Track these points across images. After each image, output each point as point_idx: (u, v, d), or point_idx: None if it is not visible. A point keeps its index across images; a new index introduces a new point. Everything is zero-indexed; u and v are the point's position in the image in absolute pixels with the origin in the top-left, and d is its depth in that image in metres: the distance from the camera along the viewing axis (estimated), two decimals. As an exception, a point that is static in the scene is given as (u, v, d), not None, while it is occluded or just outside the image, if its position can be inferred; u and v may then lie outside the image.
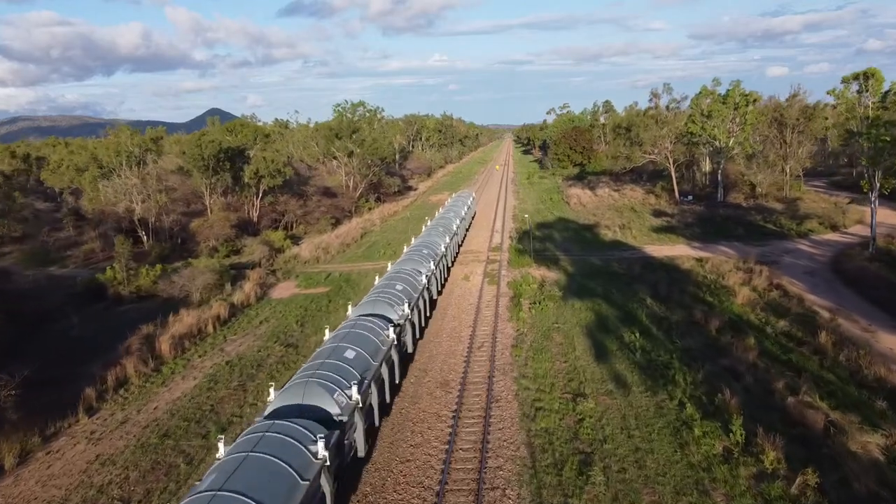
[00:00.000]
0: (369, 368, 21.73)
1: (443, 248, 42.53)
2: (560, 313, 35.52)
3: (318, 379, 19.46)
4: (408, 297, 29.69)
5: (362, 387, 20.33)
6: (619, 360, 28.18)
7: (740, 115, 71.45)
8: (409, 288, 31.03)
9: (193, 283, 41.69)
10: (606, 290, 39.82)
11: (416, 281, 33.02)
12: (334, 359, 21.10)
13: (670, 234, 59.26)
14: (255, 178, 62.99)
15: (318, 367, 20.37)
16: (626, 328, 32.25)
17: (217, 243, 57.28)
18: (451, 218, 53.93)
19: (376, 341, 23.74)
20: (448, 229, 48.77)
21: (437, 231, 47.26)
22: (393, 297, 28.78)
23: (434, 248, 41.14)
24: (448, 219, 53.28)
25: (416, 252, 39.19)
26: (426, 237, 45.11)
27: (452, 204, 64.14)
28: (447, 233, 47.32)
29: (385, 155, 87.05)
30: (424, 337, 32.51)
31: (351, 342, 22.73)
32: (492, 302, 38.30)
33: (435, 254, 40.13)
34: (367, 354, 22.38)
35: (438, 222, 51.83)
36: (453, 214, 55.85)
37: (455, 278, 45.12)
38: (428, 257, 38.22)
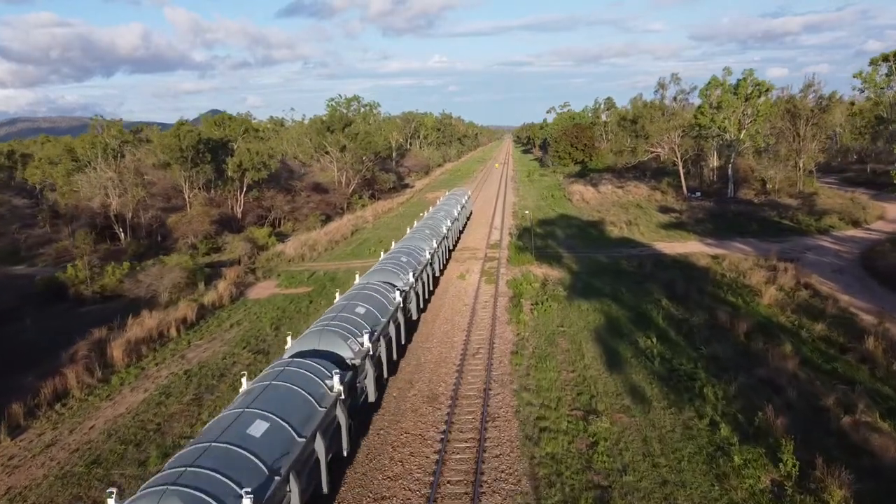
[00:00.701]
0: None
1: (427, 255, 34.91)
2: (565, 315, 31.75)
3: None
4: (370, 324, 22.38)
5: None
6: (635, 370, 24.40)
7: (752, 105, 67.71)
8: (374, 309, 23.74)
9: (161, 282, 37.91)
10: (616, 289, 36.05)
11: (387, 300, 25.41)
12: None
13: (680, 231, 55.58)
14: (239, 171, 59.22)
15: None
16: (640, 332, 28.49)
17: (196, 240, 53.53)
18: (440, 219, 46.87)
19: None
20: (436, 232, 41.41)
21: (423, 234, 39.37)
22: (345, 329, 21.06)
23: (416, 255, 33.82)
24: (437, 220, 46.36)
25: (392, 261, 31.61)
26: (408, 241, 37.26)
27: (444, 202, 57.26)
28: (434, 236, 39.71)
29: (379, 149, 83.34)
30: (409, 348, 28.70)
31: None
32: (489, 302, 34.53)
33: (417, 262, 33.11)
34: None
35: (425, 224, 44.43)
36: (443, 214, 49.37)
37: (449, 277, 41.34)
38: (407, 267, 30.79)
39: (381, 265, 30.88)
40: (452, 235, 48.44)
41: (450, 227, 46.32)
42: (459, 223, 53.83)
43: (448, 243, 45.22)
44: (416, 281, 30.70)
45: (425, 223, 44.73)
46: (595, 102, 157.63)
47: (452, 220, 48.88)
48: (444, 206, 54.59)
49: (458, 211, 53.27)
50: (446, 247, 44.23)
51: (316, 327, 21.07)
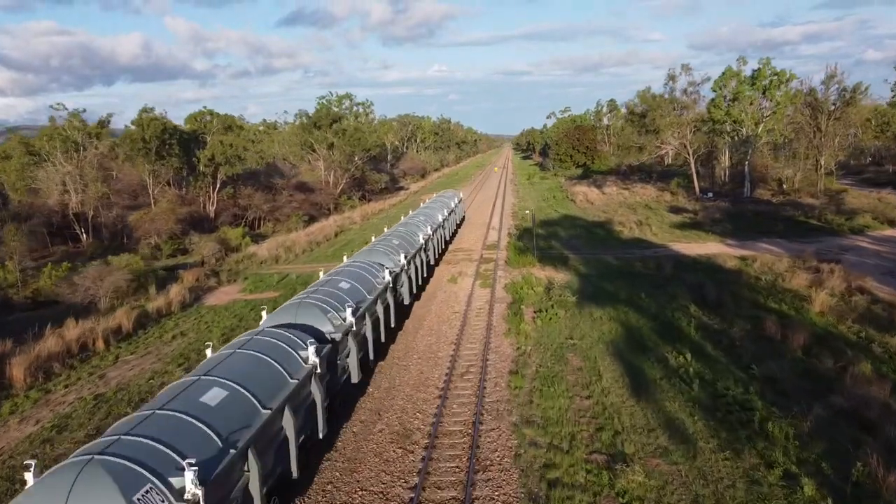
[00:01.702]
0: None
1: (385, 278, 23.85)
2: (575, 325, 26.31)
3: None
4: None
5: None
6: (668, 396, 18.94)
7: (771, 97, 62.48)
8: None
9: (101, 285, 32.44)
10: (633, 294, 30.63)
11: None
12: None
13: (697, 231, 50.26)
14: (211, 165, 53.86)
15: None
16: (668, 346, 23.06)
17: (160, 240, 48.12)
18: (418, 224, 36.50)
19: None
20: (408, 242, 30.98)
21: (390, 246, 28.63)
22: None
23: (365, 283, 22.58)
24: (414, 226, 35.64)
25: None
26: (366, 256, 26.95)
27: (428, 206, 47.10)
28: (403, 248, 29.23)
29: (368, 146, 78.05)
30: (383, 362, 23.22)
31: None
32: (484, 309, 29.10)
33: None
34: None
35: (396, 232, 32.85)
36: (423, 218, 39.23)
37: (439, 281, 35.91)
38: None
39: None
40: (436, 245, 38.29)
41: (429, 235, 35.73)
42: (447, 230, 44.97)
43: (429, 256, 35.47)
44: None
45: (396, 232, 33.13)
46: (597, 105, 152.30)
47: (435, 227, 38.85)
48: (428, 211, 43.96)
49: (443, 215, 43.86)
50: (425, 260, 33.57)
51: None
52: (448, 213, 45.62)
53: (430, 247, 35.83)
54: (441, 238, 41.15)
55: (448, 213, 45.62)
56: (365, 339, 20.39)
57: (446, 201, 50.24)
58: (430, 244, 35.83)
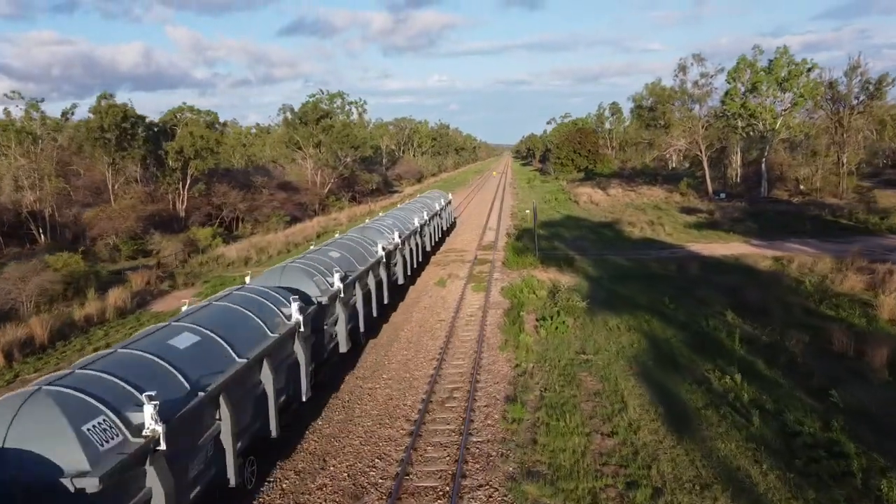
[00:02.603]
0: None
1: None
2: (587, 336, 21.32)
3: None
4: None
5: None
6: (719, 433, 13.95)
7: (792, 88, 57.70)
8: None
9: (24, 288, 27.45)
10: (654, 298, 25.66)
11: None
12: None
13: (716, 231, 45.41)
14: (180, 159, 49.01)
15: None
16: (707, 362, 18.10)
17: (118, 240, 43.21)
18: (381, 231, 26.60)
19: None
20: (356, 253, 21.68)
21: (318, 264, 19.36)
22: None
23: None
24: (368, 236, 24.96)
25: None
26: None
27: (405, 208, 36.33)
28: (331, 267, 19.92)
29: (357, 143, 73.22)
30: (344, 389, 18.23)
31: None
32: (476, 316, 24.11)
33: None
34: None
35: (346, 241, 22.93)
36: (391, 223, 28.71)
37: (425, 284, 30.96)
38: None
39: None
40: (408, 261, 28.67)
41: (397, 244, 26.11)
42: (428, 239, 35.72)
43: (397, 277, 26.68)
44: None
45: (343, 242, 22.67)
46: (599, 107, 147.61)
47: (404, 236, 27.90)
48: (401, 213, 33.35)
49: (422, 219, 33.61)
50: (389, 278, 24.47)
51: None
52: (429, 216, 36.00)
53: (395, 270, 26.23)
54: (418, 248, 31.69)
55: (429, 216, 36.00)
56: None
57: (429, 203, 40.54)
58: (394, 263, 26.28)
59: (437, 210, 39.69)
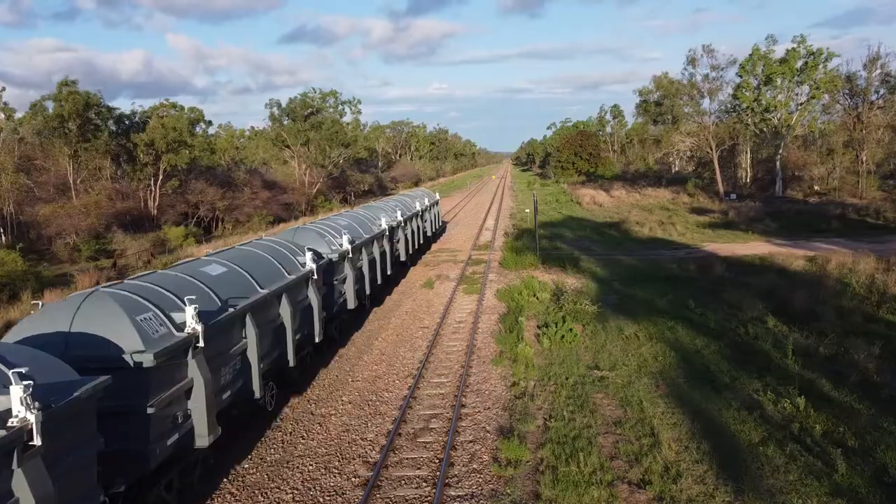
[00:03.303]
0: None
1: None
2: (600, 346, 17.50)
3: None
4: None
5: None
6: (791, 483, 10.10)
7: (809, 79, 54.03)
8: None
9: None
10: (676, 301, 21.87)
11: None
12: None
13: (733, 231, 41.72)
14: (151, 153, 45.28)
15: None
16: (754, 380, 14.33)
17: (78, 239, 39.45)
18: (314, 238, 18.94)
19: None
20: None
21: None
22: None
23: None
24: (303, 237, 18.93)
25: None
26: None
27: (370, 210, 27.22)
28: None
29: (348, 141, 69.50)
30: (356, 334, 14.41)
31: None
32: (466, 323, 20.26)
33: None
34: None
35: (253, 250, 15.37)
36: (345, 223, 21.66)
37: (409, 285, 27.13)
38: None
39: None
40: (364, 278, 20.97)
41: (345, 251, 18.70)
42: (401, 247, 28.06)
43: None
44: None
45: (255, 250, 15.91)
46: (601, 110, 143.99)
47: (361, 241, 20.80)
48: (364, 214, 25.15)
49: (393, 220, 26.50)
50: None
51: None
52: (403, 218, 27.92)
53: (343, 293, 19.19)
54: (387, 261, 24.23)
55: (403, 218, 27.92)
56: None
57: (406, 202, 32.39)
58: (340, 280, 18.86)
59: (418, 211, 33.29)
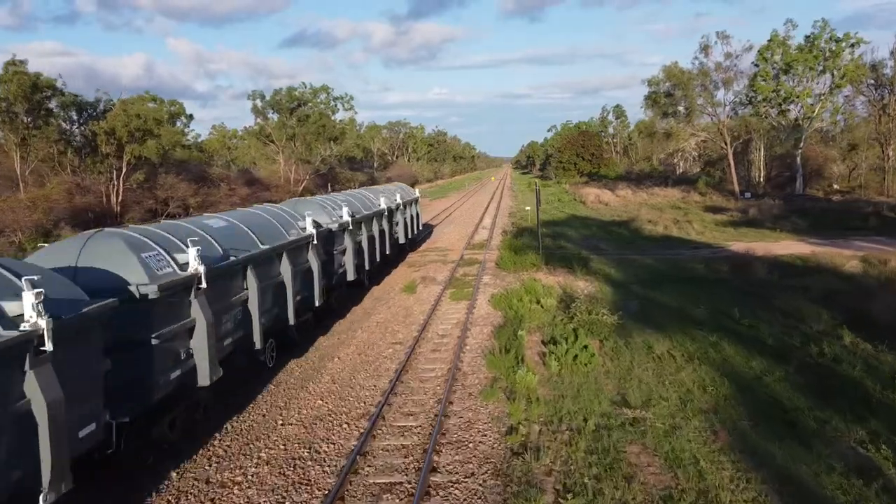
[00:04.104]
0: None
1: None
2: (626, 371, 13.12)
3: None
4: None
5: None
6: None
7: (833, 67, 49.78)
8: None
9: None
10: (714, 309, 17.50)
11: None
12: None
13: (759, 229, 37.42)
14: (113, 142, 41.00)
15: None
16: (852, 423, 9.95)
17: (24, 237, 35.14)
18: None
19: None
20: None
21: None
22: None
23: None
24: None
25: None
26: None
27: (303, 204, 19.00)
28: None
29: (336, 135, 65.22)
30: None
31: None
32: (451, 337, 15.86)
33: None
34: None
35: None
36: (272, 218, 15.11)
37: (390, 289, 22.75)
38: None
39: None
40: None
41: None
42: (347, 267, 19.27)
43: None
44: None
45: None
46: (603, 110, 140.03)
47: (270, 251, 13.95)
48: (287, 210, 16.63)
49: (336, 219, 18.62)
50: None
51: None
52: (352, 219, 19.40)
53: None
54: (331, 276, 18.01)
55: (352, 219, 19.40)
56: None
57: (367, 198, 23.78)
58: None
59: (382, 209, 23.69)
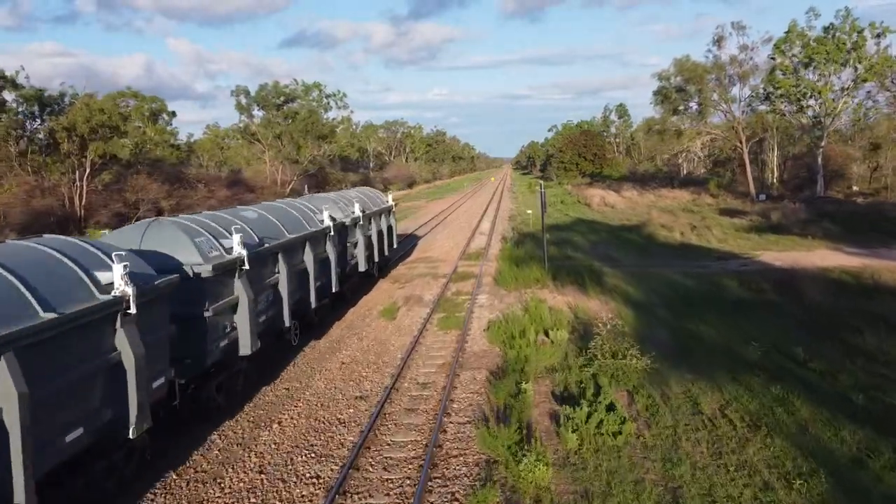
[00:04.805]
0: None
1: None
2: (669, 444, 9.32)
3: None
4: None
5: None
6: None
7: (859, 60, 46.08)
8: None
9: None
10: (769, 344, 13.71)
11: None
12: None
13: (786, 236, 33.61)
14: (75, 140, 37.31)
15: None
16: None
17: (-34, 245, 31.27)
18: None
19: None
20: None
21: None
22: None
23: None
24: None
25: None
26: None
27: None
28: None
29: (325, 133, 61.46)
30: None
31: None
32: (434, 386, 12.08)
33: None
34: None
35: None
36: None
37: (367, 312, 18.99)
38: None
39: None
40: None
41: None
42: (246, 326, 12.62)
43: None
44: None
45: None
46: (605, 110, 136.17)
47: None
48: None
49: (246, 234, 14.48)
50: None
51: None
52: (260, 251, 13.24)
53: None
54: None
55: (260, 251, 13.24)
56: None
57: (301, 213, 16.36)
58: None
59: (326, 228, 16.69)
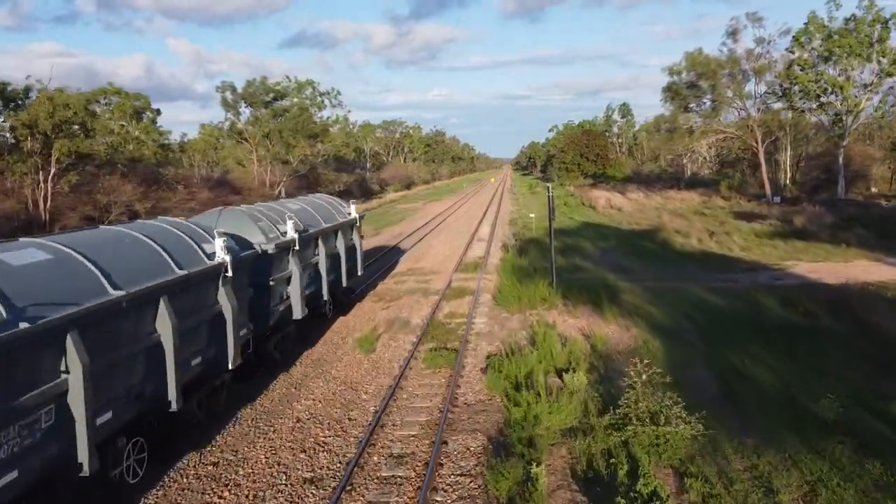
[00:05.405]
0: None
1: None
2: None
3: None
4: None
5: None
6: None
7: (879, 53, 43.01)
8: None
9: None
10: (845, 392, 10.58)
11: None
12: None
13: (816, 243, 30.53)
14: (37, 137, 34.20)
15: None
16: None
17: None
18: None
19: None
20: None
21: None
22: None
23: None
24: None
25: None
26: None
27: None
28: None
29: (316, 132, 58.39)
30: None
31: None
32: (410, 465, 8.94)
33: None
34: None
35: None
36: None
37: (340, 342, 15.88)
38: None
39: None
40: None
41: None
42: None
43: None
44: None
45: None
46: (607, 109, 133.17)
47: None
48: None
49: None
50: None
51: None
52: None
53: None
54: None
55: None
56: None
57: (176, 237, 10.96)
58: None
59: (220, 263, 10.47)
